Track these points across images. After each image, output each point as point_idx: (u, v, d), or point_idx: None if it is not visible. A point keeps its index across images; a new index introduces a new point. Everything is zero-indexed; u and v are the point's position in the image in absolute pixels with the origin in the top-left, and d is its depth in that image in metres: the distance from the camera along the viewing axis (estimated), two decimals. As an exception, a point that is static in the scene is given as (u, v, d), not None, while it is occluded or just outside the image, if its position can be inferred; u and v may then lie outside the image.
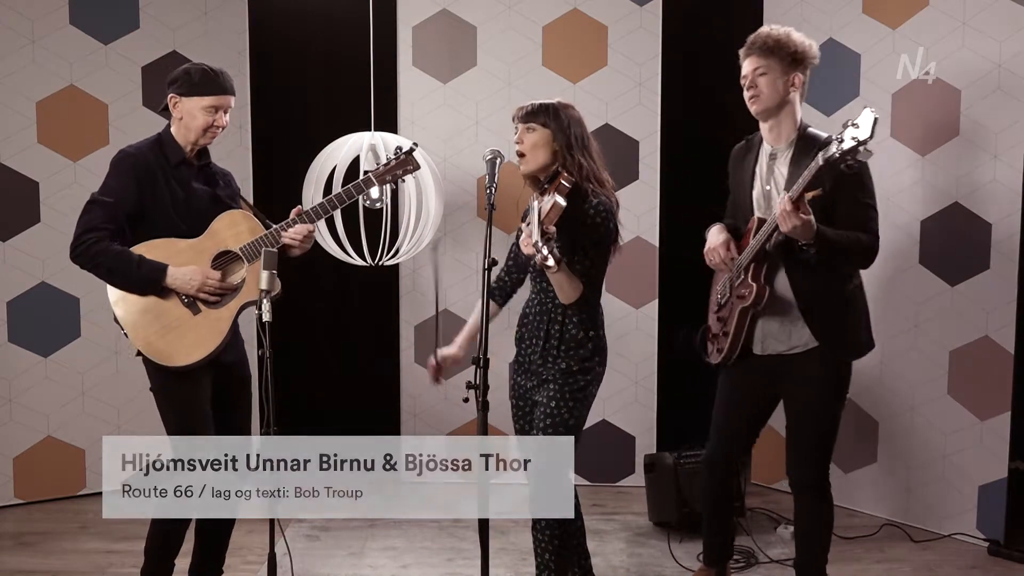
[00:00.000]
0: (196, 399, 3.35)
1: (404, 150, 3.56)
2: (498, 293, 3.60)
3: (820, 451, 3.41)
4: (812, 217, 3.11)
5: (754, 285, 3.35)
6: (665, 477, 4.45)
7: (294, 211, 3.45)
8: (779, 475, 4.83)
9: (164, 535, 3.44)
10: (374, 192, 3.55)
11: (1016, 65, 4.07)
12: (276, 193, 5.36)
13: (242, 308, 3.39)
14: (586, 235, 3.21)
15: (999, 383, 4.19)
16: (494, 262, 2.96)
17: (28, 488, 4.83)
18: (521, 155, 3.31)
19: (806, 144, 3.28)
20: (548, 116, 3.27)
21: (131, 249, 3.28)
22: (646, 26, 4.91)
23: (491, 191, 3.11)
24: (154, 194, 3.31)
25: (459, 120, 4.99)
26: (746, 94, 3.36)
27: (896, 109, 4.43)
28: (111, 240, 3.25)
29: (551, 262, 2.93)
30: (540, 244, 2.92)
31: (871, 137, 2.88)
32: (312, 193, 4.53)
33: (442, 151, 4.98)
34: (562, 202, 3.10)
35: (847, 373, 3.42)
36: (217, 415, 3.51)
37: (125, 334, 3.33)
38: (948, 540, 4.35)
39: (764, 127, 3.41)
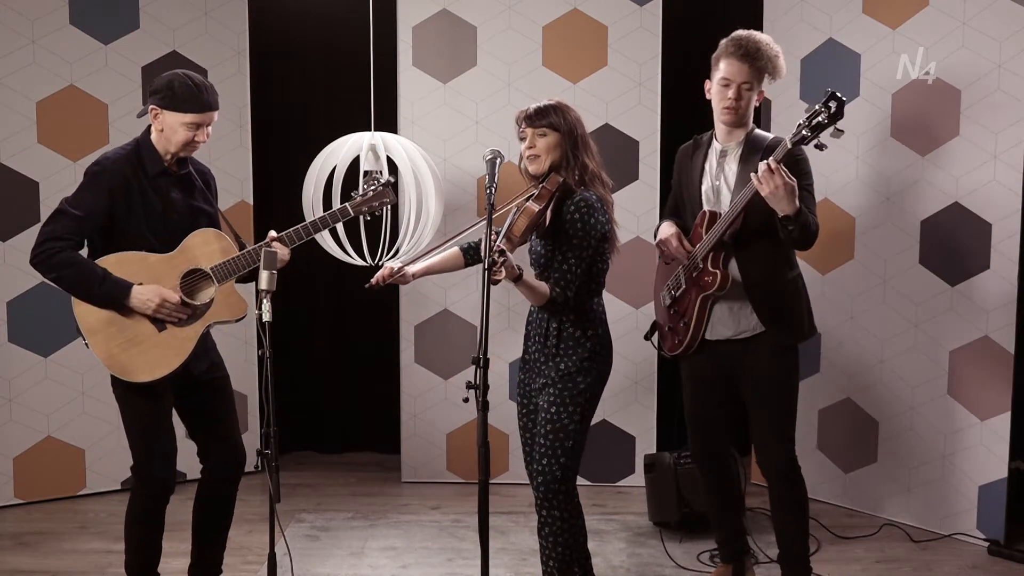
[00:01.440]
0: (156, 413, 3.36)
1: (381, 182, 3.56)
2: (474, 252, 3.60)
3: (782, 434, 3.55)
4: (795, 183, 3.25)
5: (716, 272, 3.49)
6: (665, 477, 4.45)
7: (270, 235, 3.43)
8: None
9: (139, 541, 3.45)
10: (390, 187, 3.57)
11: (1016, 65, 4.07)
12: (276, 193, 5.36)
13: (210, 326, 3.39)
14: (565, 232, 3.22)
15: (999, 383, 4.19)
16: (494, 262, 2.97)
17: (28, 488, 4.82)
18: (534, 157, 3.30)
19: (754, 144, 3.50)
20: (557, 117, 3.27)
21: (101, 260, 3.25)
22: (646, 26, 4.91)
23: (491, 191, 3.12)
24: (128, 209, 3.28)
25: (459, 120, 4.99)
26: (723, 100, 3.50)
27: (896, 109, 4.43)
28: (74, 251, 3.23)
29: (499, 277, 2.96)
30: (495, 256, 2.94)
31: (841, 116, 3.13)
32: (312, 193, 4.53)
33: (442, 151, 4.98)
34: (535, 207, 3.14)
35: (795, 357, 3.57)
36: (201, 424, 3.52)
37: (86, 344, 3.30)
38: (948, 540, 4.35)
39: (722, 128, 3.57)
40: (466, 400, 2.92)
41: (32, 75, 4.68)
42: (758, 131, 3.53)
